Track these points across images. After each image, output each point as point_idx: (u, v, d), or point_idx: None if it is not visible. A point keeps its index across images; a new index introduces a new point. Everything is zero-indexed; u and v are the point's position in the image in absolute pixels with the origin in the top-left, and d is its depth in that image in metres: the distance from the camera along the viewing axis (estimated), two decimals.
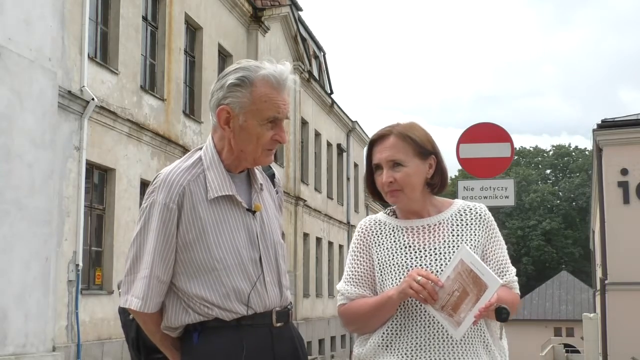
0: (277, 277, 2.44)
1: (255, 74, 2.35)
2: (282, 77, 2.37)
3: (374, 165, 2.49)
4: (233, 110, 2.35)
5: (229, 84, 2.35)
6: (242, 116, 2.35)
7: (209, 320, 2.34)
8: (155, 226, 2.33)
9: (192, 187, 2.35)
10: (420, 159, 2.45)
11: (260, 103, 2.34)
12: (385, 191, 2.46)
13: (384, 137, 2.48)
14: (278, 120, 2.37)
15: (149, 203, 2.37)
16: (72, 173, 12.05)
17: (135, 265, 2.37)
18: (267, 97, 2.34)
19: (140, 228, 2.37)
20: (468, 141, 9.48)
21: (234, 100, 2.35)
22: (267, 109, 2.34)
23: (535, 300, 47.76)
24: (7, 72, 8.76)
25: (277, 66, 2.39)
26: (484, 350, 2.38)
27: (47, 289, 9.32)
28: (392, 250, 2.44)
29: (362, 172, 36.21)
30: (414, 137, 2.45)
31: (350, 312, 2.45)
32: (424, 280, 2.23)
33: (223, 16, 18.79)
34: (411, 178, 2.43)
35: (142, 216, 2.38)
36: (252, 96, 2.34)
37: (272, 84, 2.35)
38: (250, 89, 2.34)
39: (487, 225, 2.48)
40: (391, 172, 2.43)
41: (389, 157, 2.44)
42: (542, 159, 74.82)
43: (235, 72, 2.37)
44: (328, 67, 33.62)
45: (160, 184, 2.36)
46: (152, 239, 2.34)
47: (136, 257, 2.37)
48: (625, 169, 18.60)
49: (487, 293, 2.21)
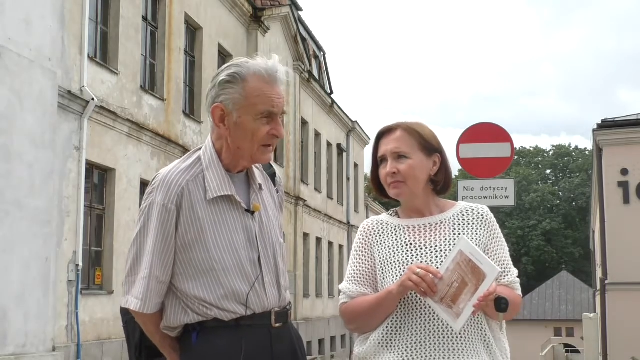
0: (275, 278, 2.44)
1: (246, 70, 2.34)
2: (273, 71, 2.36)
3: (380, 158, 2.51)
4: (227, 107, 2.34)
5: (221, 82, 2.35)
6: (236, 112, 2.34)
7: (207, 320, 2.33)
8: (154, 227, 2.33)
9: (191, 187, 2.35)
10: (425, 154, 2.47)
11: (253, 98, 2.33)
12: (388, 182, 2.47)
13: (391, 131, 2.50)
14: (273, 114, 2.36)
15: (148, 204, 2.36)
16: (72, 173, 12.05)
17: (135, 266, 2.37)
18: (259, 91, 2.33)
19: (140, 229, 2.37)
20: (468, 141, 9.48)
21: (227, 98, 2.34)
22: (261, 104, 2.33)
23: (535, 300, 47.76)
24: (7, 72, 8.76)
25: (268, 60, 2.37)
26: (484, 347, 2.38)
27: (47, 289, 9.32)
28: (394, 247, 2.46)
29: (362, 172, 36.36)
30: (420, 132, 2.49)
31: (352, 310, 2.45)
32: (423, 272, 2.24)
33: (223, 16, 18.79)
34: (415, 171, 2.44)
35: (142, 217, 2.38)
36: (245, 92, 2.33)
37: (264, 78, 2.34)
38: (242, 85, 2.33)
39: (489, 226, 2.50)
40: (395, 164, 2.45)
41: (394, 148, 2.46)
42: (542, 159, 74.83)
43: (227, 69, 2.37)
44: (328, 67, 33.62)
45: (159, 185, 2.36)
46: (151, 239, 2.33)
47: (136, 257, 2.37)
48: (625, 169, 18.60)
49: (486, 282, 2.21)
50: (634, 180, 18.55)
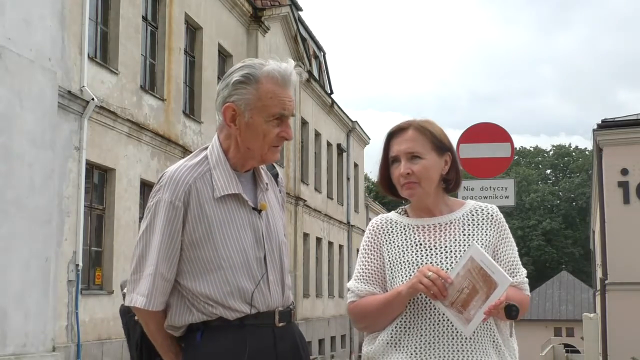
0: (280, 277, 2.45)
1: (260, 71, 2.35)
2: (286, 74, 2.37)
3: (391, 158, 2.49)
4: (239, 107, 2.35)
5: (234, 82, 2.36)
6: (248, 113, 2.34)
7: (212, 319, 2.33)
8: (161, 224, 2.33)
9: (199, 185, 2.35)
10: (437, 154, 2.46)
11: (266, 99, 2.34)
12: (402, 183, 2.45)
13: (403, 130, 2.48)
14: (284, 117, 2.37)
15: (155, 201, 2.36)
16: (72, 173, 12.05)
17: (140, 263, 2.36)
18: (272, 93, 2.34)
19: (146, 226, 2.36)
20: (468, 141, 9.47)
21: (240, 98, 2.35)
22: (273, 106, 2.34)
23: (535, 300, 47.74)
24: (7, 72, 8.75)
25: (282, 63, 2.39)
26: (493, 349, 2.37)
27: (47, 289, 9.31)
28: (403, 247, 2.44)
29: (362, 172, 36.33)
30: (432, 131, 2.47)
31: (360, 309, 2.44)
32: (434, 275, 2.23)
33: (223, 16, 18.78)
34: (429, 171, 2.43)
35: (148, 215, 2.37)
36: (258, 93, 2.34)
37: (277, 81, 2.35)
38: (255, 86, 2.34)
39: (498, 226, 2.49)
40: (409, 164, 2.43)
41: (408, 149, 2.44)
42: (542, 159, 74.86)
43: (240, 69, 2.37)
44: (328, 67, 33.63)
45: (167, 182, 2.35)
46: (157, 236, 2.33)
47: (142, 255, 2.36)
48: (625, 169, 18.60)
49: (497, 291, 2.20)
50: (634, 180, 18.55)
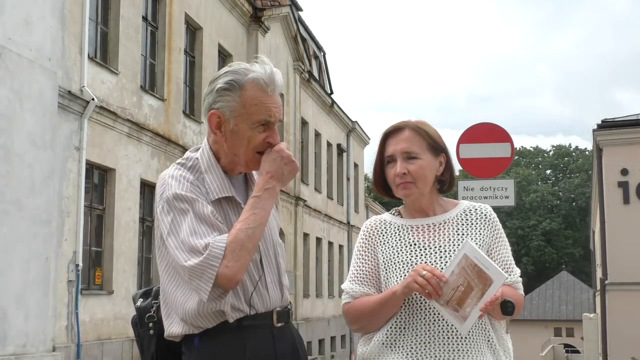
0: (277, 277, 2.44)
1: (245, 78, 2.32)
2: (272, 80, 2.34)
3: (387, 158, 2.50)
4: (224, 114, 2.33)
5: (218, 88, 2.33)
6: (233, 120, 2.32)
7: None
8: (185, 209, 2.25)
9: (194, 188, 2.34)
10: (432, 154, 2.47)
11: (251, 107, 2.31)
12: (397, 183, 2.46)
13: (399, 130, 2.49)
14: (270, 123, 2.35)
15: (165, 200, 2.30)
16: (72, 173, 12.05)
17: (193, 250, 2.19)
18: (257, 100, 2.32)
19: (171, 220, 2.26)
20: (468, 141, 9.48)
21: (224, 105, 2.33)
22: (258, 113, 2.32)
23: (535, 300, 47.75)
24: (7, 72, 8.76)
25: (267, 67, 2.35)
26: (488, 348, 2.38)
27: (47, 289, 9.32)
28: (397, 248, 2.45)
29: (362, 172, 36.31)
30: (428, 132, 2.49)
31: (354, 309, 2.44)
32: (429, 274, 2.23)
33: (223, 16, 18.78)
34: (424, 171, 2.44)
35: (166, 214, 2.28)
36: (242, 100, 2.31)
37: (262, 87, 2.32)
38: (239, 93, 2.31)
39: (492, 226, 2.49)
40: (405, 164, 2.44)
41: (404, 149, 2.45)
42: (542, 159, 74.83)
43: (224, 75, 2.35)
44: (328, 67, 33.62)
45: (168, 180, 2.33)
46: (188, 220, 2.24)
47: (183, 242, 2.22)
48: (625, 169, 18.60)
49: (493, 287, 2.20)
50: (634, 180, 18.55)
